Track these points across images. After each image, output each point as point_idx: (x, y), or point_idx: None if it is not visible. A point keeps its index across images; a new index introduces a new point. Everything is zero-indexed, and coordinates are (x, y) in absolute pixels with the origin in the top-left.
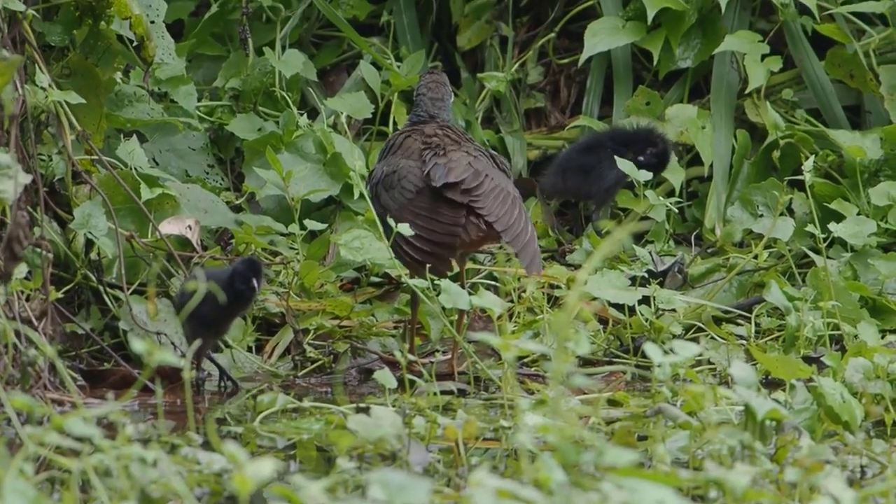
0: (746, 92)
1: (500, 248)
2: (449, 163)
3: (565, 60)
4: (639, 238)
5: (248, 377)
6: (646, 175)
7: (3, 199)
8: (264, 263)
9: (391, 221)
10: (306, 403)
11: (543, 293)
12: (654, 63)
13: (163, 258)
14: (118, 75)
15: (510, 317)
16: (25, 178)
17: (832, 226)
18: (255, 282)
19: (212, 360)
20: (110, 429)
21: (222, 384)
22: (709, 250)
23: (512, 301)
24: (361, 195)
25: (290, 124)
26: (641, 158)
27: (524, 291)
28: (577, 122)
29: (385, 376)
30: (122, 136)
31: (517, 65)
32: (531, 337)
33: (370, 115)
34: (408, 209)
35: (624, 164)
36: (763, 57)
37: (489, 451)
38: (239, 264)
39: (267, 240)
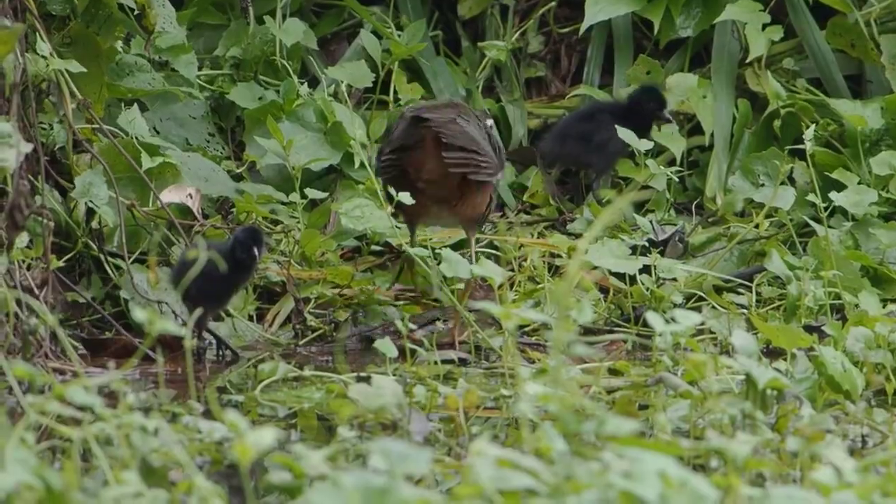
0: (747, 61)
1: (501, 216)
2: (433, 110)
3: (566, 29)
4: (640, 207)
5: (249, 346)
6: (646, 144)
7: (4, 168)
8: (265, 232)
9: (392, 190)
10: (307, 372)
11: (544, 262)
12: (655, 32)
13: (164, 227)
14: (119, 44)
15: (511, 286)
16: (26, 147)
17: (833, 195)
18: (255, 250)
19: (209, 331)
20: (111, 398)
21: (220, 353)
22: (710, 219)
23: (513, 270)
24: (362, 164)
25: (291, 93)
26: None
27: (525, 260)
28: (578, 91)
29: (386, 345)
30: (122, 104)
31: (518, 34)
32: (532, 306)
33: (371, 84)
34: (388, 143)
35: (625, 134)
36: (764, 26)
37: (490, 420)
38: (239, 233)
39: (268, 208)
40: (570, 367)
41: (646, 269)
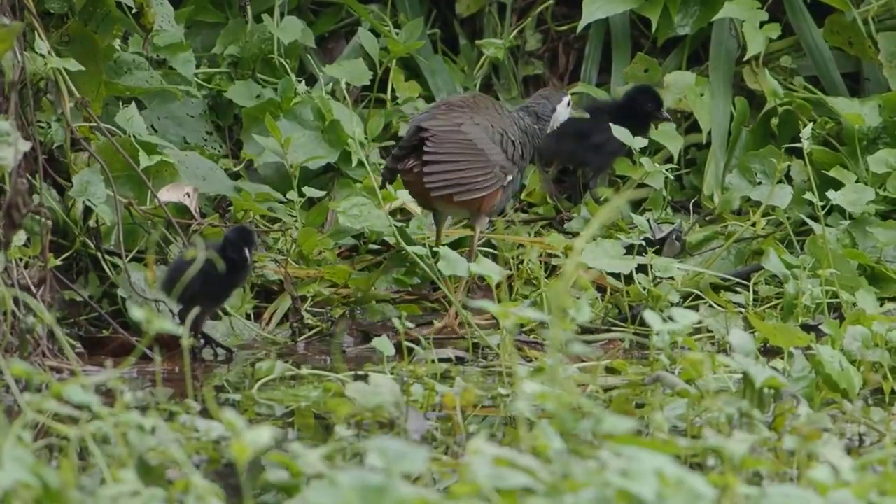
0: (745, 59)
1: (502, 215)
2: (443, 112)
3: (564, 27)
4: (637, 206)
5: (247, 344)
6: (642, 141)
7: (2, 166)
8: (257, 231)
9: (390, 188)
10: (304, 371)
11: (541, 261)
12: (653, 30)
13: (161, 225)
14: (117, 42)
15: (510, 289)
16: (25, 146)
17: (830, 193)
18: (246, 251)
19: (203, 334)
20: (109, 396)
21: (214, 353)
22: (707, 218)
23: (510, 269)
24: (360, 162)
25: (289, 91)
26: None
27: (521, 263)
28: (576, 89)
29: (383, 344)
30: (120, 102)
31: (515, 32)
32: (530, 305)
33: (368, 82)
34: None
35: (619, 132)
36: (762, 24)
37: (487, 418)
38: (230, 233)
39: (265, 207)
40: (568, 365)
41: (643, 268)
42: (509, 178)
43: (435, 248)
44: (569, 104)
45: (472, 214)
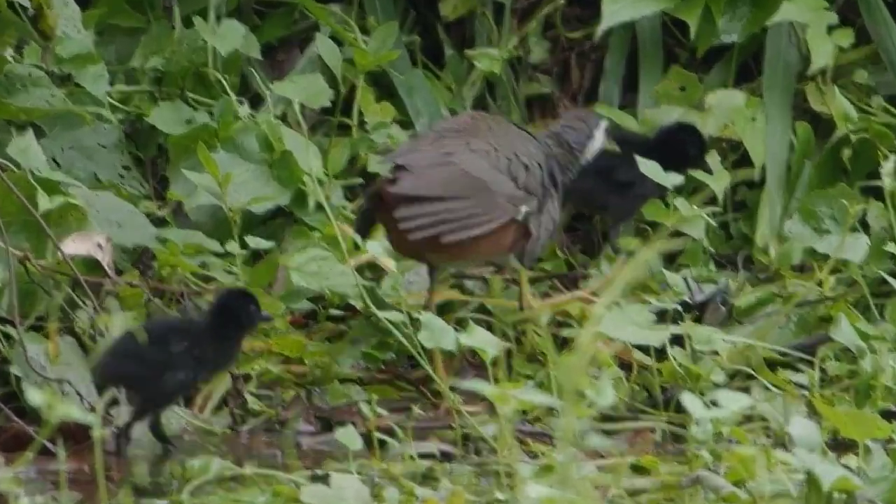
0: (809, 74)
1: (495, 271)
2: (433, 141)
3: (577, 34)
4: (671, 260)
5: (176, 435)
6: (677, 178)
7: None
8: (188, 293)
9: (356, 236)
10: (248, 469)
11: (549, 330)
12: (691, 37)
13: (66, 285)
14: (9, 52)
15: (508, 367)
16: None
17: None
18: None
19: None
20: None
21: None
22: (760, 276)
23: (509, 341)
24: (318, 205)
25: (228, 115)
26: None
27: (523, 333)
28: None
29: (348, 435)
30: (13, 129)
31: (516, 39)
32: (535, 386)
33: (329, 104)
34: None
35: (648, 166)
36: (830, 29)
37: None
38: (226, 298)
39: (197, 262)
40: (584, 463)
41: (678, 340)
42: (524, 209)
43: (417, 315)
44: (606, 131)
45: (487, 260)
